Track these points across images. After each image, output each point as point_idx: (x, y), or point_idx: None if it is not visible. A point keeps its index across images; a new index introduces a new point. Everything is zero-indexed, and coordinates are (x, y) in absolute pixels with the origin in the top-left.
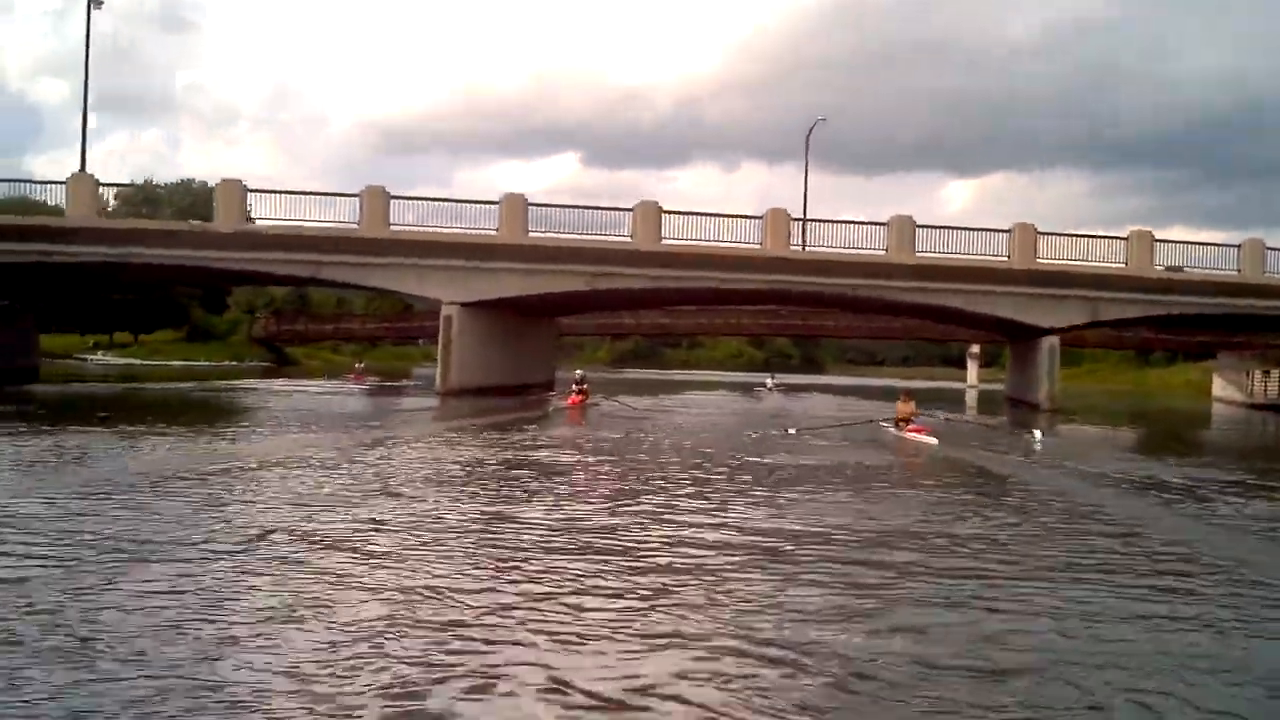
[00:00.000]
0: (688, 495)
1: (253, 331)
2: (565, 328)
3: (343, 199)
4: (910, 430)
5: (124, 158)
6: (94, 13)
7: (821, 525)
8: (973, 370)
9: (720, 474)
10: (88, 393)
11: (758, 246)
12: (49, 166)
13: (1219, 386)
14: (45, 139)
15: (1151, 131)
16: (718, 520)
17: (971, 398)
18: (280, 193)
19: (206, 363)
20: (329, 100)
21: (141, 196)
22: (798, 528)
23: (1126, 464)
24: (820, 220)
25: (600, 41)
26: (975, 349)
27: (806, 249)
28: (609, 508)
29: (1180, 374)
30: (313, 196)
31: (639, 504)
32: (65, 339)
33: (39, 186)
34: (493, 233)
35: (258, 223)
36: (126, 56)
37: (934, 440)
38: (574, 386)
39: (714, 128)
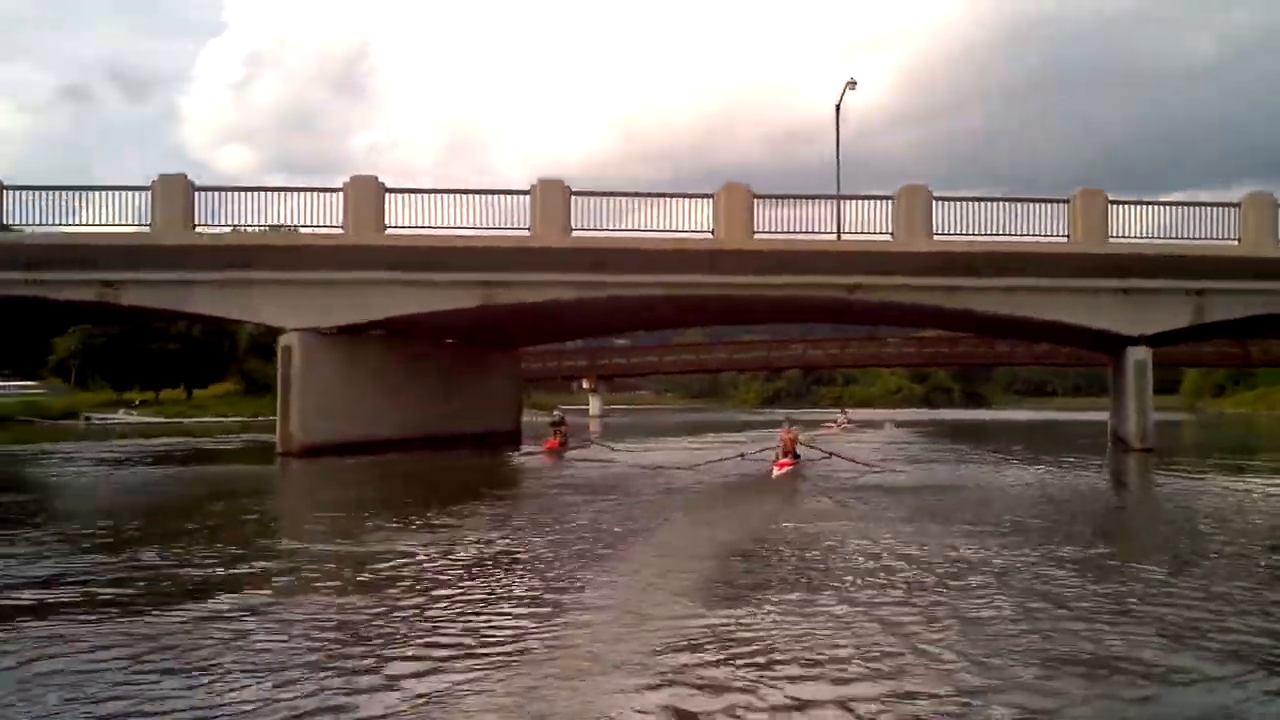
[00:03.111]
0: None
1: None
2: (723, 363)
3: (136, 193)
4: (779, 465)
5: None
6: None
7: None
8: None
9: None
10: None
11: (709, 237)
12: None
13: None
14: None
15: None
16: None
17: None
18: (46, 189)
19: (237, 417)
20: (499, 152)
21: None
22: None
23: None
24: (798, 196)
25: (769, 80)
26: None
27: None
28: None
29: None
30: (95, 192)
31: None
32: (96, 396)
33: None
34: (338, 232)
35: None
36: (306, 121)
37: (780, 471)
38: (551, 430)
39: (885, 161)
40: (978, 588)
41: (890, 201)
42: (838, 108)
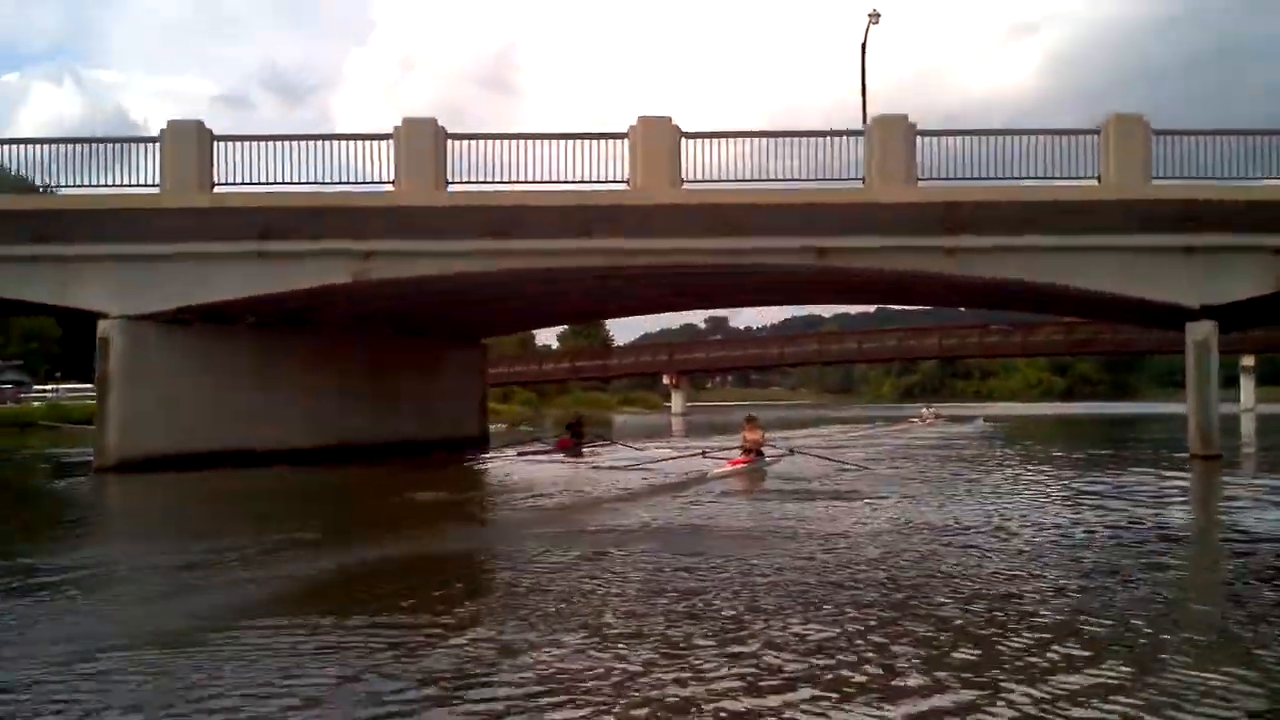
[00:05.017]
0: None
1: None
2: (808, 356)
3: None
4: (731, 463)
5: None
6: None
7: None
8: (1247, 388)
9: None
10: None
11: (623, 188)
12: None
13: None
14: None
15: None
16: None
17: (1244, 427)
18: None
19: None
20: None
21: None
22: None
23: None
24: (735, 134)
25: (925, 66)
26: (1247, 361)
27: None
28: None
29: None
30: None
31: None
32: None
33: None
34: (153, 191)
35: None
36: (455, 118)
37: (729, 468)
38: (566, 430)
39: None
40: None
41: (861, 139)
42: (863, 46)
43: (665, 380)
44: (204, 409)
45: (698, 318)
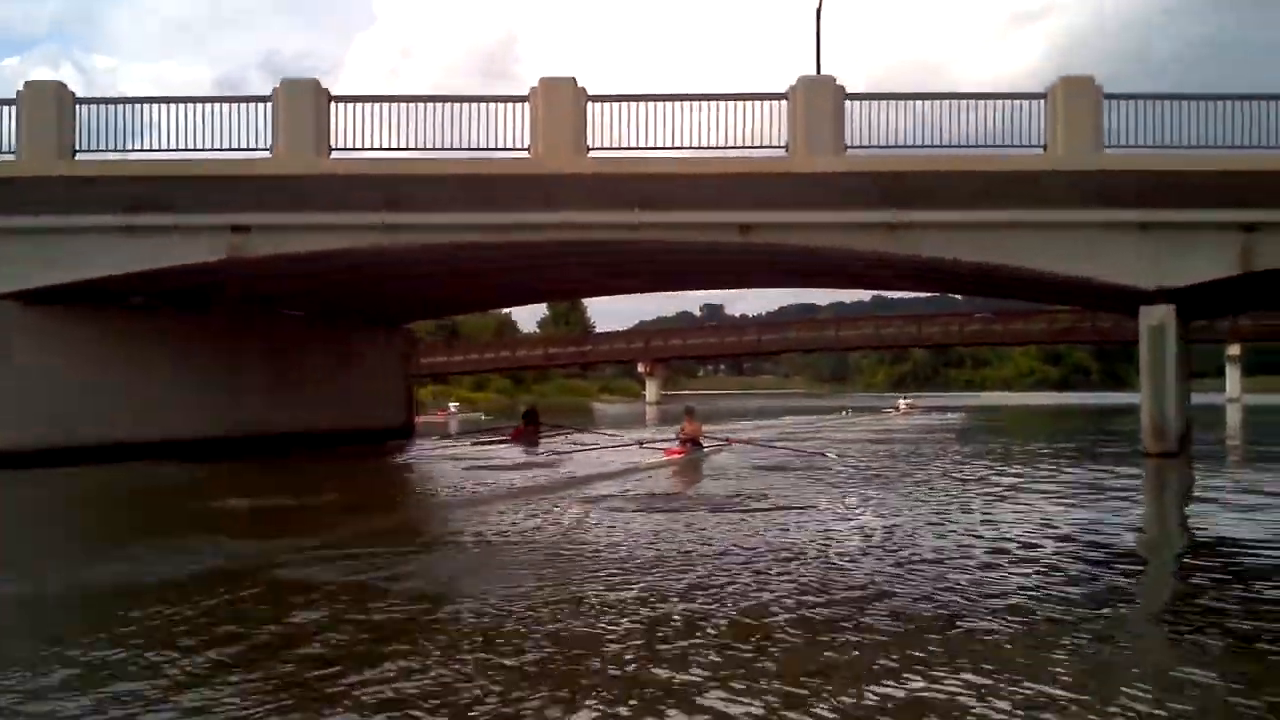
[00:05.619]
0: None
1: None
2: (786, 344)
3: None
4: (667, 453)
5: None
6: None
7: None
8: (1233, 378)
9: None
10: None
11: (525, 156)
12: None
13: None
14: None
15: None
16: None
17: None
18: None
19: None
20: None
21: None
22: None
23: None
24: (645, 98)
25: (925, 56)
26: (1233, 350)
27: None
28: None
29: None
30: None
31: None
32: None
33: None
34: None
35: None
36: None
37: (662, 458)
38: (522, 420)
39: None
40: None
41: (783, 103)
42: (818, 12)
43: (640, 368)
44: (70, 399)
45: (693, 304)
